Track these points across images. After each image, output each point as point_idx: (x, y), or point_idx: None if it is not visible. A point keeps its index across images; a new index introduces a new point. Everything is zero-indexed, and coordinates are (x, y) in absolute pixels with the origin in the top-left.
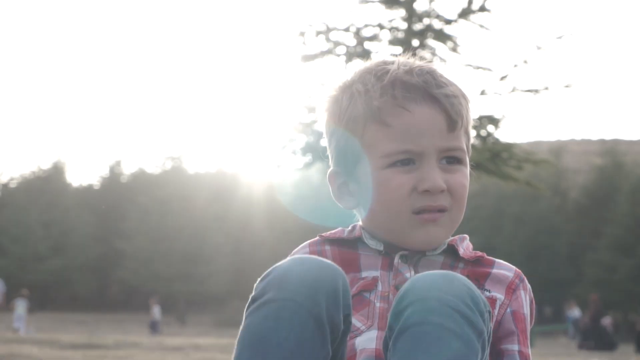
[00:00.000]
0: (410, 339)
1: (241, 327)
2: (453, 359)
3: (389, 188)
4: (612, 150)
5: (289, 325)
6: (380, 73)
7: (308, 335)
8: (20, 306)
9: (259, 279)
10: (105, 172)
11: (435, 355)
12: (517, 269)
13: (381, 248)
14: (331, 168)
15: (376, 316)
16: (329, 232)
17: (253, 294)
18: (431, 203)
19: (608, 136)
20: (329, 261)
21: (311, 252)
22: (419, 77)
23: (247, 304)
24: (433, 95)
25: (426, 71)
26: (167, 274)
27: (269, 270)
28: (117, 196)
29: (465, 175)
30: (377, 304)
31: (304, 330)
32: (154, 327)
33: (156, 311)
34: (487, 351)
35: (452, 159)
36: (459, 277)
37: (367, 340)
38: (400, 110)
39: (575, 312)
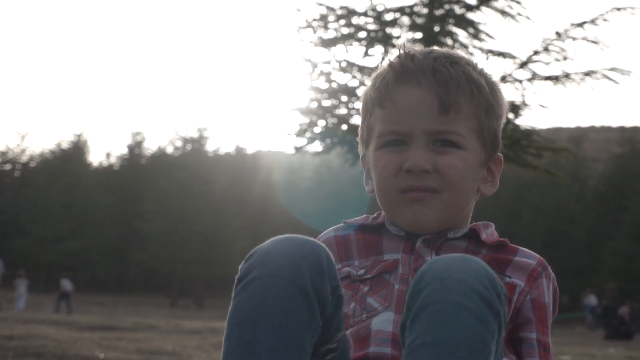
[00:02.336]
0: (428, 316)
1: (230, 309)
2: (470, 336)
3: (378, 167)
4: (631, 138)
5: (275, 300)
6: (390, 59)
7: (296, 307)
8: (22, 285)
9: (243, 261)
10: (124, 152)
11: (452, 332)
12: (541, 258)
13: (402, 233)
14: (362, 152)
15: (394, 298)
16: (353, 219)
17: (238, 275)
18: (414, 183)
19: (629, 123)
20: (311, 238)
21: (336, 237)
22: (416, 61)
23: (234, 286)
24: (426, 78)
25: (430, 56)
26: (186, 257)
27: (252, 251)
28: (137, 177)
29: (459, 158)
30: (396, 286)
31: (291, 303)
32: (64, 300)
33: (66, 283)
34: (503, 334)
35: (445, 142)
36: (476, 259)
37: (383, 322)
38: (393, 93)
39: (591, 300)
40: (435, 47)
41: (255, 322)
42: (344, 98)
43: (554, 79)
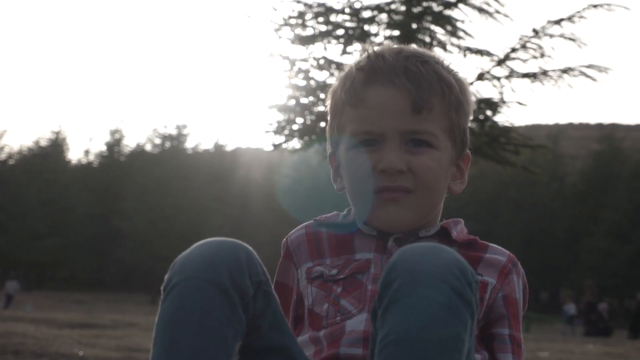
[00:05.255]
0: (399, 311)
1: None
2: (443, 331)
3: (352, 167)
4: (610, 136)
5: (192, 300)
6: (359, 59)
7: (214, 304)
8: None
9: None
10: (103, 150)
11: (424, 328)
12: (511, 254)
13: (374, 232)
14: (330, 150)
15: (367, 299)
16: (324, 216)
17: (162, 286)
18: (389, 183)
19: (606, 120)
20: (231, 239)
21: (307, 234)
22: (387, 61)
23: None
24: (398, 78)
25: (401, 55)
26: (165, 254)
27: (174, 261)
28: (116, 175)
29: (432, 157)
30: (369, 287)
31: (208, 301)
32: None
33: (11, 285)
34: (475, 321)
35: (418, 142)
36: (446, 248)
37: (356, 322)
38: (364, 93)
39: (571, 308)
40: (404, 46)
41: (175, 324)
42: (322, 95)
43: (532, 76)
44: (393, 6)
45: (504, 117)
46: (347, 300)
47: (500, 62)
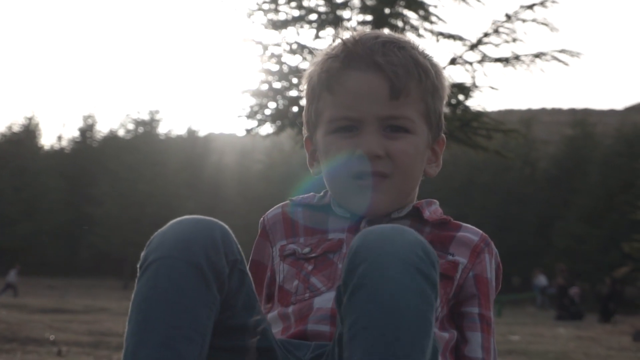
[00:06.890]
0: (367, 296)
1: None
2: (413, 316)
3: (330, 153)
4: (582, 121)
5: (168, 279)
6: (335, 44)
7: (189, 283)
8: None
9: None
10: (76, 135)
11: (391, 310)
12: (484, 234)
13: (348, 215)
14: (306, 134)
15: (337, 278)
16: (300, 197)
17: (139, 264)
18: (367, 168)
19: (579, 105)
20: (207, 217)
21: (283, 213)
22: (365, 46)
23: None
24: (376, 63)
25: (378, 41)
26: (137, 240)
27: (150, 238)
28: (88, 161)
29: (410, 143)
30: (340, 266)
31: (184, 280)
32: (9, 289)
33: (12, 275)
34: (439, 300)
35: (395, 127)
36: (408, 229)
37: (324, 300)
38: (342, 78)
39: (541, 280)
40: (380, 32)
41: (149, 302)
42: (295, 80)
43: (504, 60)
44: None
45: (476, 102)
46: (317, 278)
47: (473, 47)
